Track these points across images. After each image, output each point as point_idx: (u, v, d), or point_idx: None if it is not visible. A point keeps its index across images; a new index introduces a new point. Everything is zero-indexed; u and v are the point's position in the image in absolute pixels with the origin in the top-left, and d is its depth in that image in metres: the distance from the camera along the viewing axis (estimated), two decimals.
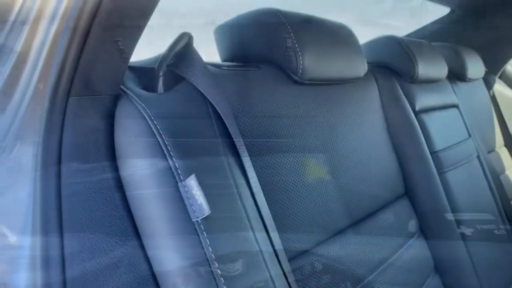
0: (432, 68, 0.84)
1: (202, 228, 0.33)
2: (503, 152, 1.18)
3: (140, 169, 0.33)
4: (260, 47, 0.54)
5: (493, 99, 1.24)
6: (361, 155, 0.63)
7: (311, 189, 0.51)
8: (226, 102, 0.43)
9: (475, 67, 1.10)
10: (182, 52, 0.42)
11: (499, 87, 1.26)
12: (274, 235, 0.41)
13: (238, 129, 0.42)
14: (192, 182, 0.32)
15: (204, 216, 0.32)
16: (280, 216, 0.46)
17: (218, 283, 0.32)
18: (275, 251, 0.40)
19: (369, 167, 0.64)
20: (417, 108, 0.78)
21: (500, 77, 1.43)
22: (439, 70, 0.87)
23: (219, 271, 0.33)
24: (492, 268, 0.80)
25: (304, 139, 0.53)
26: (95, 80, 0.33)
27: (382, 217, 0.64)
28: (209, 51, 0.59)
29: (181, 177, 0.33)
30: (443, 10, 1.26)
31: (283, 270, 0.40)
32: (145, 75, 0.41)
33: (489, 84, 1.25)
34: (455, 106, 0.94)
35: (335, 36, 0.59)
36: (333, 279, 0.50)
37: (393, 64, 0.81)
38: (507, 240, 0.88)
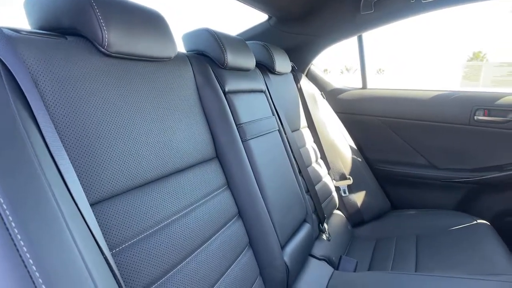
0: (240, 58, 1.03)
1: None
2: (305, 131, 1.54)
3: None
4: (69, 21, 0.58)
5: (300, 91, 1.59)
6: (171, 122, 0.73)
7: (116, 145, 0.58)
8: (23, 64, 0.45)
9: (282, 64, 1.39)
10: None
11: (304, 82, 1.63)
12: (75, 185, 0.46)
13: (36, 91, 0.45)
14: None
15: None
16: (86, 168, 0.52)
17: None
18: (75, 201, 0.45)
19: (180, 133, 0.75)
20: (226, 89, 0.95)
21: (306, 75, 1.85)
22: (247, 61, 1.07)
23: (10, 217, 0.35)
24: (284, 212, 1.01)
25: (110, 103, 0.59)
26: None
27: (192, 174, 0.76)
28: None
29: None
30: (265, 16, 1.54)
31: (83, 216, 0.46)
32: None
33: (297, 79, 1.60)
34: (262, 91, 1.19)
35: (144, 18, 0.66)
36: (137, 221, 0.58)
37: (208, 52, 0.96)
38: (297, 191, 1.16)
